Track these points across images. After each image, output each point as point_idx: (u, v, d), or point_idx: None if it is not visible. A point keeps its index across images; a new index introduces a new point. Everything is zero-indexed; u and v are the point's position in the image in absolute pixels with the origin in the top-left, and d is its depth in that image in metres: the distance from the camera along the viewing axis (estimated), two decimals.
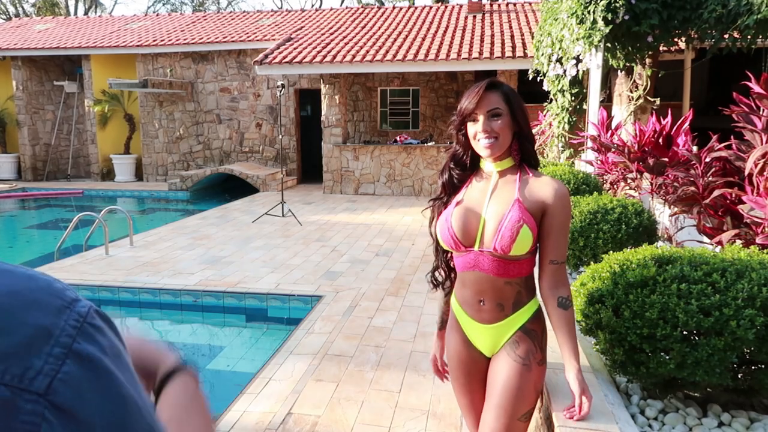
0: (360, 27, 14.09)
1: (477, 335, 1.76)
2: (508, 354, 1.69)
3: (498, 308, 1.70)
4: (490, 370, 1.75)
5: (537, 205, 1.65)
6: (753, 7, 5.43)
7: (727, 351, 1.85)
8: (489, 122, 1.65)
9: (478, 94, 1.65)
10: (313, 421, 2.99)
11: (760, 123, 2.93)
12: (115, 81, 13.27)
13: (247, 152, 14.13)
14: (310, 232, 8.02)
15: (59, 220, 10.50)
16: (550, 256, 1.68)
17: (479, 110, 1.66)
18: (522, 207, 1.64)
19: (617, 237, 3.47)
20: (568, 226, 1.71)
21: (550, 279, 1.69)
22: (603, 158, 5.22)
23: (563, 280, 1.70)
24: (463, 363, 1.80)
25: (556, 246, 1.67)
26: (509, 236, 1.61)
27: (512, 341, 1.69)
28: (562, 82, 7.41)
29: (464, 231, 1.68)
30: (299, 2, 42.29)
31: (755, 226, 2.70)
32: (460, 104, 1.71)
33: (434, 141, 12.39)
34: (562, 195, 1.66)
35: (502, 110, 1.65)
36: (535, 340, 1.70)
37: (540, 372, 1.71)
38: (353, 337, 4.16)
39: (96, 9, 33.16)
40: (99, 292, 5.48)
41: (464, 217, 1.69)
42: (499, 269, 1.66)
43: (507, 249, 1.62)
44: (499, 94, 1.67)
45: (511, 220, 1.62)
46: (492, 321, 1.71)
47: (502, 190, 1.69)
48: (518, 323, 1.70)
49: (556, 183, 1.68)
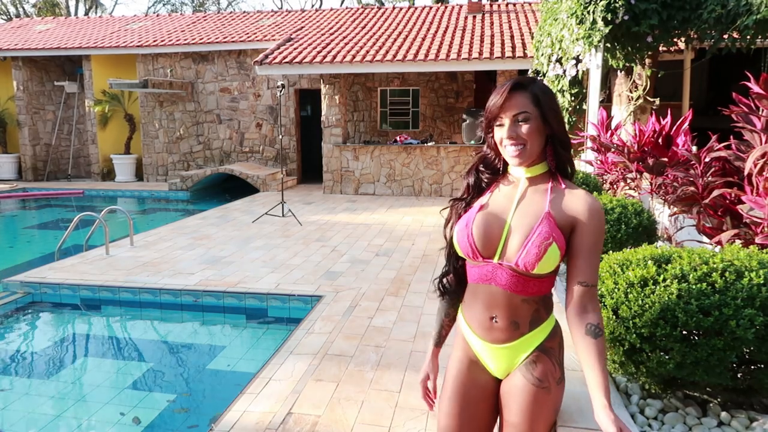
0: (360, 27, 14.09)
1: (487, 356, 1.60)
2: (524, 377, 1.54)
3: (512, 326, 1.54)
4: (505, 393, 1.59)
5: (568, 221, 1.50)
6: (752, 8, 5.43)
7: (726, 351, 1.85)
8: (515, 127, 1.51)
9: (503, 95, 1.51)
10: (313, 421, 3.00)
11: (760, 123, 2.93)
12: (115, 81, 13.27)
13: (248, 152, 14.13)
14: (310, 232, 8.03)
15: (60, 220, 10.51)
16: (579, 278, 1.48)
17: (504, 114, 1.51)
18: (552, 222, 1.48)
19: (617, 237, 3.47)
20: (602, 246, 1.53)
21: (578, 303, 1.48)
22: (603, 158, 5.23)
23: (593, 306, 1.48)
24: (462, 387, 1.63)
25: (587, 266, 1.48)
26: (536, 253, 1.46)
27: (529, 361, 1.55)
28: (562, 82, 7.41)
29: (485, 240, 1.53)
30: (299, 2, 42.29)
31: (754, 225, 2.70)
32: (487, 103, 1.56)
33: (434, 141, 12.39)
34: (597, 212, 1.49)
35: (530, 114, 1.50)
36: (553, 358, 1.55)
37: (559, 391, 1.57)
38: (353, 337, 4.17)
39: (96, 9, 33.17)
40: (99, 292, 5.48)
41: (487, 224, 1.54)
42: (517, 286, 1.51)
43: (531, 267, 1.47)
44: (527, 96, 1.51)
45: (540, 235, 1.47)
46: (505, 341, 1.56)
47: (531, 200, 1.54)
48: (535, 342, 1.55)
49: (590, 198, 1.51)
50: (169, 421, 3.49)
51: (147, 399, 3.76)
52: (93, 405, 3.64)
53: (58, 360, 4.51)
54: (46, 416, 3.50)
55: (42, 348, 4.77)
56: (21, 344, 4.88)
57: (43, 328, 5.27)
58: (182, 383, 4.08)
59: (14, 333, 5.10)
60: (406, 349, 3.95)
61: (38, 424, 3.41)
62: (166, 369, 4.33)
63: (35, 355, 4.62)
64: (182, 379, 4.16)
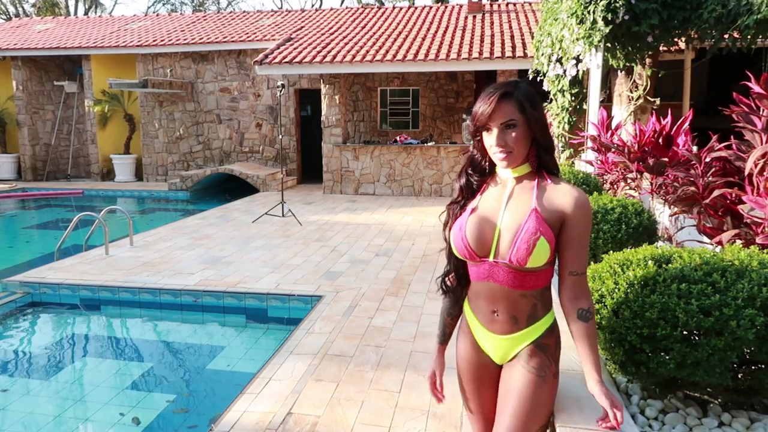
0: (360, 27, 14.09)
1: (488, 344, 1.72)
2: (522, 366, 1.64)
3: (512, 321, 1.64)
4: (504, 380, 1.70)
5: (555, 215, 1.58)
6: (753, 7, 5.43)
7: (727, 351, 1.85)
8: (503, 135, 1.58)
9: (491, 104, 1.57)
10: (313, 421, 2.99)
11: (760, 123, 2.93)
12: (115, 81, 13.27)
13: (247, 152, 14.13)
14: (310, 232, 8.03)
15: (59, 220, 10.50)
16: (570, 268, 1.61)
17: (492, 122, 1.58)
18: (539, 217, 1.56)
19: (617, 237, 3.47)
20: (589, 236, 1.63)
21: (570, 291, 1.62)
22: (603, 158, 5.22)
23: (584, 292, 1.62)
24: (474, 368, 1.75)
25: (576, 257, 1.60)
26: (525, 248, 1.55)
27: (525, 354, 1.64)
28: (562, 82, 7.41)
29: (479, 241, 1.62)
30: (299, 2, 42.29)
31: (755, 226, 2.70)
32: (474, 109, 1.63)
33: (434, 141, 12.39)
34: (583, 204, 1.58)
35: (516, 121, 1.57)
36: (548, 354, 1.65)
37: (554, 385, 1.66)
38: (353, 337, 4.16)
39: (96, 9, 33.16)
40: (99, 292, 5.48)
41: (479, 226, 1.63)
42: (514, 281, 1.60)
43: (523, 261, 1.56)
44: (514, 104, 1.57)
45: (528, 231, 1.55)
46: (505, 333, 1.66)
47: (519, 198, 1.62)
48: (531, 337, 1.65)
49: (576, 191, 1.60)
50: (169, 422, 3.49)
51: (147, 399, 3.76)
52: (92, 405, 3.64)
53: (58, 360, 4.51)
54: (45, 416, 3.50)
55: (41, 348, 4.77)
56: (20, 344, 4.87)
57: (43, 328, 5.27)
58: (182, 383, 4.08)
59: (14, 333, 5.09)
60: (406, 349, 3.95)
61: (38, 425, 3.40)
62: (166, 369, 4.33)
63: (35, 355, 4.61)
64: (182, 379, 4.16)
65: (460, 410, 3.02)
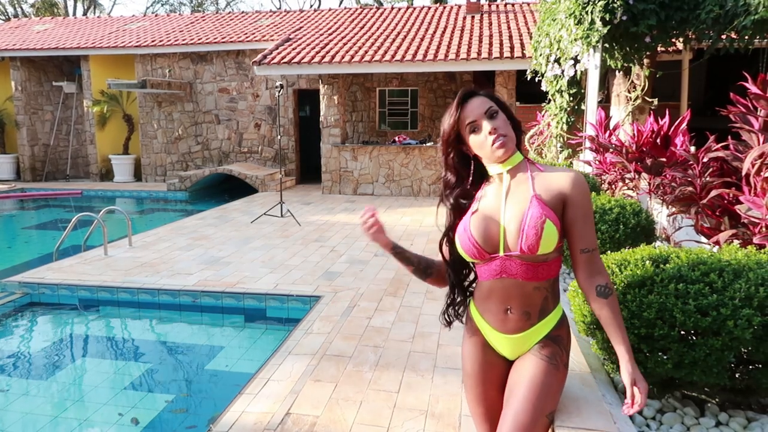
0: (358, 27, 14.09)
1: (499, 344, 1.72)
2: (534, 354, 1.66)
3: (524, 316, 1.65)
4: (515, 370, 1.70)
5: (556, 198, 1.61)
6: (750, 8, 5.44)
7: (724, 351, 1.85)
8: (492, 122, 1.62)
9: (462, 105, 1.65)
10: (312, 422, 3.00)
11: (757, 123, 2.94)
12: (113, 81, 13.26)
13: (246, 152, 14.13)
14: (309, 233, 8.03)
15: (58, 220, 10.49)
16: (580, 246, 1.62)
17: (478, 117, 1.63)
18: (541, 202, 1.59)
19: (615, 237, 3.48)
20: (592, 212, 1.65)
21: (585, 269, 1.63)
22: (601, 158, 5.24)
23: (599, 268, 1.63)
24: (480, 368, 1.75)
25: (584, 234, 1.61)
26: (534, 234, 1.56)
27: (539, 346, 1.66)
28: (560, 82, 7.42)
29: (485, 236, 1.63)
30: (298, 3, 42.27)
31: (752, 226, 2.71)
32: (445, 123, 1.68)
33: (433, 141, 12.39)
34: (579, 182, 1.62)
35: (495, 107, 1.64)
36: (560, 344, 1.67)
37: (565, 375, 1.68)
38: (352, 338, 4.16)
39: (95, 10, 33.14)
40: (98, 292, 5.47)
41: (483, 223, 1.64)
42: (528, 272, 1.61)
43: (534, 248, 1.57)
44: (482, 97, 1.66)
45: (533, 217, 1.57)
46: (517, 331, 1.67)
47: (517, 191, 1.64)
48: (543, 332, 1.66)
49: (571, 172, 1.65)
50: (168, 422, 3.49)
51: (145, 399, 3.76)
52: (91, 405, 3.63)
53: (57, 361, 4.50)
54: (44, 417, 3.50)
55: (40, 349, 4.76)
56: (19, 345, 4.87)
57: (42, 328, 5.27)
58: (181, 384, 4.07)
59: (12, 334, 5.09)
60: (404, 349, 3.95)
61: (37, 425, 3.40)
62: (165, 369, 4.33)
63: (34, 355, 4.61)
64: (181, 379, 4.16)
65: (459, 410, 3.02)
